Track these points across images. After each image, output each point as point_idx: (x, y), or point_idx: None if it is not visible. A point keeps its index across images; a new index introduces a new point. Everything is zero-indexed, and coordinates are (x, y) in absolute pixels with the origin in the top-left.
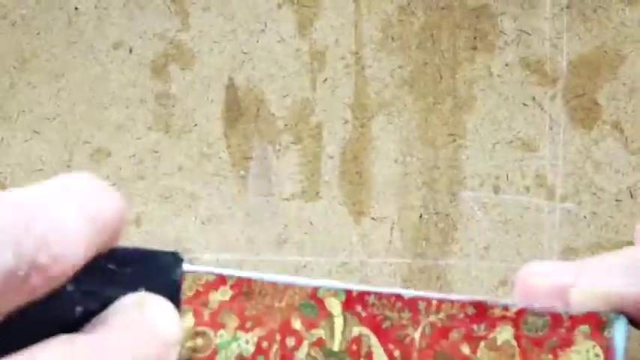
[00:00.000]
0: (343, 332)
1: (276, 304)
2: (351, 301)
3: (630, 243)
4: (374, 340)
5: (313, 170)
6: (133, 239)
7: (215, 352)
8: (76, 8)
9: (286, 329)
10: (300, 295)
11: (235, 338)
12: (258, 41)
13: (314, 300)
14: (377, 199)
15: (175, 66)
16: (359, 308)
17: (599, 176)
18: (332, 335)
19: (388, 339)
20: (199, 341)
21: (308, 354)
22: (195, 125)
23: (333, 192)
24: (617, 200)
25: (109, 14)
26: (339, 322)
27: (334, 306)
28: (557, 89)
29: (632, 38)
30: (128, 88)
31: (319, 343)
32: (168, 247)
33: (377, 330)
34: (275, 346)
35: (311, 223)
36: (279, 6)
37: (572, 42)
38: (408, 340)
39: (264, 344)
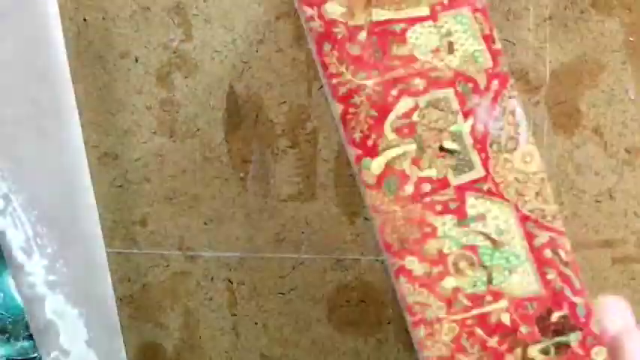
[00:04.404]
0: None
1: None
2: None
3: (609, 242)
4: None
5: (309, 173)
6: (138, 239)
7: None
8: (85, 19)
9: None
10: None
11: None
12: (257, 51)
13: None
14: None
15: (179, 74)
16: None
17: (580, 178)
18: None
19: None
20: None
21: None
22: (198, 130)
23: (328, 193)
24: (597, 201)
25: (115, 26)
26: None
27: None
28: (540, 96)
29: (611, 48)
30: (134, 95)
31: None
32: (173, 246)
33: None
34: None
35: (307, 223)
36: (277, 18)
37: (554, 51)
38: None
39: None
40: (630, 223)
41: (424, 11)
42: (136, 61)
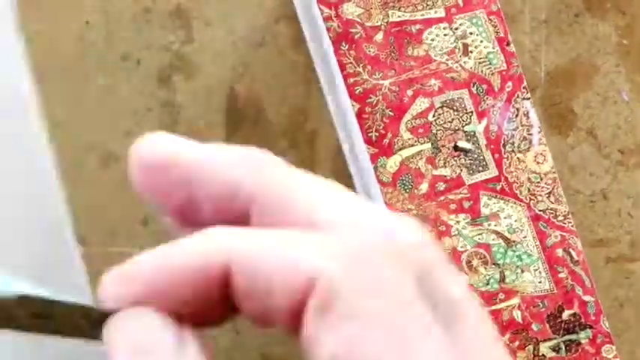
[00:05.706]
0: None
1: None
2: None
3: (603, 242)
4: None
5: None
6: (139, 239)
7: None
8: (87, 22)
9: None
10: None
11: None
12: (257, 53)
13: None
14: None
15: (180, 76)
16: None
17: (575, 179)
18: None
19: None
20: None
21: None
22: (199, 132)
23: None
24: (591, 201)
25: (117, 28)
26: None
27: None
28: (535, 98)
29: (604, 51)
30: (135, 97)
31: None
32: None
33: None
34: None
35: None
36: (277, 21)
37: (549, 54)
38: None
39: None
40: (624, 223)
41: (440, 13)
42: (138, 63)
